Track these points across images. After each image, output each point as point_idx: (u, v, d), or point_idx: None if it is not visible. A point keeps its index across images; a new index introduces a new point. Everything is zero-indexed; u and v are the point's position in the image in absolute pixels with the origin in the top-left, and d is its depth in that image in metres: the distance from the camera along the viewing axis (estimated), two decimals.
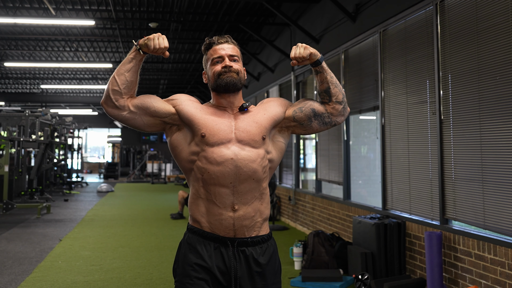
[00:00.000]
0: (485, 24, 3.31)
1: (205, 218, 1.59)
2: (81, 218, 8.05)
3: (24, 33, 10.10)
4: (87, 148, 26.32)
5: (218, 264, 1.56)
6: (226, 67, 1.65)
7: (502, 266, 3.09)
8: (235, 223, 1.57)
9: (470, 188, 3.45)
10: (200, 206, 1.60)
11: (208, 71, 1.71)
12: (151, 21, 8.55)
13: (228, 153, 1.58)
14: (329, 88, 1.70)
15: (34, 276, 4.38)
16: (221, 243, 1.57)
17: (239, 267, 1.57)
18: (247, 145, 1.60)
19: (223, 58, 1.67)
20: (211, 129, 1.60)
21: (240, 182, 1.57)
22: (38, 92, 18.69)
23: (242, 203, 1.58)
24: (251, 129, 1.63)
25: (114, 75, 1.60)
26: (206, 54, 1.73)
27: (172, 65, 13.52)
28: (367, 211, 4.95)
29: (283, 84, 8.36)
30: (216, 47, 1.69)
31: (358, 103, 5.35)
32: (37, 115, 10.94)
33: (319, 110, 1.72)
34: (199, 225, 1.60)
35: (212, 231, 1.58)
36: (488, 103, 3.28)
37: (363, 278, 3.94)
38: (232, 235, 1.58)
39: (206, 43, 1.72)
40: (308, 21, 7.00)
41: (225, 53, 1.67)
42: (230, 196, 1.57)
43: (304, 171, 7.63)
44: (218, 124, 1.61)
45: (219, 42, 1.69)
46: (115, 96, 1.58)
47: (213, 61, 1.68)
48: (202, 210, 1.60)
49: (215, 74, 1.66)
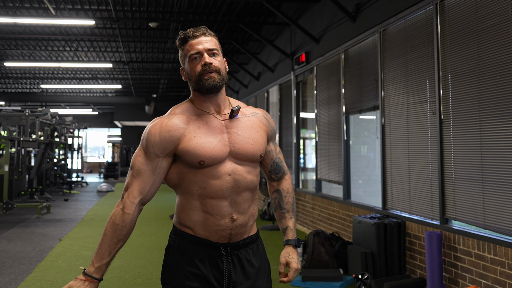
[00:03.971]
0: (485, 24, 3.31)
1: (199, 227, 1.52)
2: (81, 218, 8.06)
3: (24, 33, 10.09)
4: (87, 147, 26.32)
5: (212, 271, 1.51)
6: (206, 65, 1.51)
7: (502, 265, 3.09)
8: (232, 232, 1.53)
9: (470, 188, 3.45)
10: (193, 216, 1.52)
11: (187, 69, 1.57)
12: (151, 21, 8.54)
13: (225, 168, 1.51)
14: None
15: (34, 276, 4.39)
16: (214, 249, 1.52)
17: (233, 271, 1.53)
18: (241, 159, 1.55)
19: (202, 53, 1.52)
20: (209, 154, 1.48)
21: (238, 193, 1.53)
22: (38, 92, 18.69)
23: (239, 212, 1.54)
24: (248, 147, 1.55)
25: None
26: (182, 49, 1.57)
27: (172, 64, 13.52)
28: (367, 211, 4.95)
29: (283, 84, 8.36)
30: (192, 42, 1.54)
31: (358, 103, 5.35)
32: (37, 115, 10.94)
33: (269, 168, 1.75)
34: (191, 231, 1.53)
35: (206, 237, 1.52)
36: (488, 103, 3.28)
37: (363, 277, 3.94)
38: (226, 241, 1.54)
39: (180, 37, 1.56)
40: (308, 20, 7.00)
41: (203, 47, 1.52)
42: (228, 208, 1.51)
43: (304, 171, 7.63)
44: (214, 144, 1.50)
45: (194, 35, 1.54)
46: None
47: (190, 57, 1.54)
48: (195, 220, 1.52)
49: (196, 74, 1.53)
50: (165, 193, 13.06)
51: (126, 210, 1.47)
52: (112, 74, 15.33)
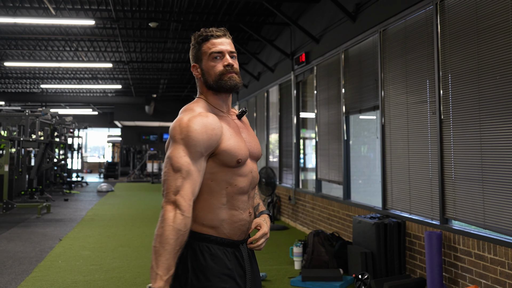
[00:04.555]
0: (485, 24, 3.32)
1: (224, 226, 1.52)
2: (81, 218, 8.06)
3: (24, 33, 10.09)
4: (87, 147, 26.32)
5: (237, 270, 1.53)
6: (229, 66, 1.55)
7: (502, 265, 3.09)
8: (248, 226, 1.60)
9: (470, 188, 3.45)
10: (221, 214, 1.52)
11: (205, 66, 1.58)
12: (151, 21, 8.55)
13: (249, 166, 1.59)
14: None
15: (34, 276, 4.39)
16: (236, 248, 1.55)
17: (249, 268, 1.58)
18: (255, 158, 1.66)
19: (224, 54, 1.56)
20: (244, 153, 1.54)
21: (252, 188, 1.61)
22: (38, 92, 18.69)
23: (251, 206, 1.63)
24: (256, 146, 1.66)
25: None
26: (200, 46, 1.59)
27: (172, 64, 13.52)
28: (367, 211, 4.95)
29: (283, 84, 8.36)
30: (214, 41, 1.57)
31: (358, 102, 5.35)
32: (37, 115, 10.94)
33: None
34: (215, 232, 1.52)
35: (229, 237, 1.53)
36: (488, 103, 3.28)
37: (363, 277, 3.94)
38: (243, 237, 1.58)
39: (202, 35, 1.58)
40: (308, 20, 7.00)
41: (226, 48, 1.57)
42: (246, 203, 1.58)
43: (304, 171, 7.63)
44: (243, 143, 1.56)
45: (217, 35, 1.57)
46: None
47: (211, 55, 1.56)
48: (222, 218, 1.52)
49: (217, 73, 1.55)
50: None
51: (186, 214, 1.38)
52: (112, 74, 15.33)
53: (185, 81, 16.32)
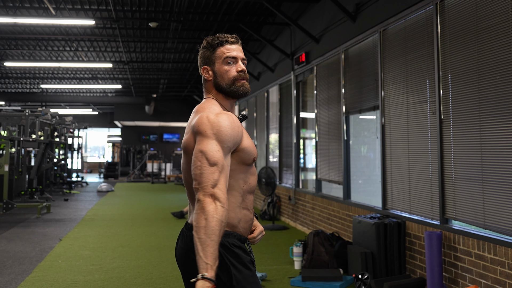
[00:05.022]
0: (485, 24, 3.32)
1: (241, 224, 1.63)
2: (81, 218, 8.06)
3: (24, 33, 10.10)
4: (87, 147, 26.32)
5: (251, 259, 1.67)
6: (243, 72, 1.66)
7: (502, 265, 3.09)
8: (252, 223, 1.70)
9: (470, 188, 3.45)
10: (239, 213, 1.61)
11: (219, 70, 1.66)
12: (151, 21, 8.55)
13: (254, 167, 1.71)
14: None
15: (34, 276, 4.39)
16: (246, 242, 1.67)
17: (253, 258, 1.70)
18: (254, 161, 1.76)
19: (237, 60, 1.66)
20: (256, 153, 1.65)
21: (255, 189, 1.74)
22: (38, 92, 18.70)
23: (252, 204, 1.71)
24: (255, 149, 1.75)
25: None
26: (215, 50, 1.67)
27: (172, 64, 13.52)
28: (367, 211, 4.95)
29: (283, 84, 8.36)
30: (229, 46, 1.66)
31: (358, 102, 5.35)
32: (37, 115, 10.94)
33: None
34: (235, 230, 1.61)
35: (242, 233, 1.64)
36: (488, 103, 3.28)
37: (363, 277, 3.94)
38: (248, 235, 1.70)
39: (217, 39, 1.67)
40: (308, 20, 7.00)
41: (239, 55, 1.67)
42: (252, 202, 1.68)
43: (304, 171, 7.63)
44: (253, 143, 1.66)
45: (232, 41, 1.68)
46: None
47: (225, 59, 1.65)
48: (240, 217, 1.61)
49: (231, 78, 1.64)
50: (165, 193, 13.06)
51: (226, 206, 1.43)
52: (112, 74, 15.33)
53: (185, 81, 16.32)
